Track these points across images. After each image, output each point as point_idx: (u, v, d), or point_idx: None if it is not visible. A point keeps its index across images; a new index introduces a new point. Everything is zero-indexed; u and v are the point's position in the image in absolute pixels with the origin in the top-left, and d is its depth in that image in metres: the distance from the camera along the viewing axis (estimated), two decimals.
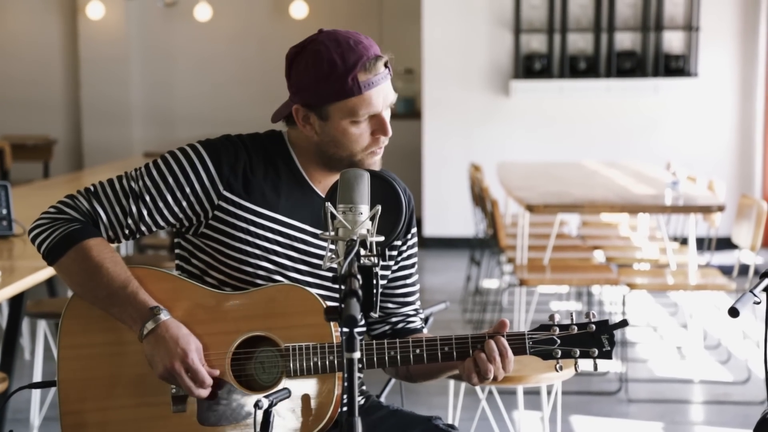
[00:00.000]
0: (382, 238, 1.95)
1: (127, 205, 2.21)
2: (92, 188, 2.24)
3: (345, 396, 1.66)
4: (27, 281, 3.45)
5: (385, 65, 2.19)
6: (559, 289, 7.23)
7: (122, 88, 11.03)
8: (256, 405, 2.02)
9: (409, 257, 2.39)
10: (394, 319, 2.38)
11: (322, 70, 2.15)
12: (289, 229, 2.24)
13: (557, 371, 2.16)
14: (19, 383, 4.68)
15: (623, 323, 2.16)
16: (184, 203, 2.21)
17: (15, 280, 3.40)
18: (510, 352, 2.12)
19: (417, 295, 2.43)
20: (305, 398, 2.14)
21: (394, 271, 2.37)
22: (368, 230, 1.92)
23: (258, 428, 2.04)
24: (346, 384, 1.65)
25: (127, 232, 2.24)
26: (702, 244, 6.56)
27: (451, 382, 3.61)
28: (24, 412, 4.52)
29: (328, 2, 10.83)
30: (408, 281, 2.40)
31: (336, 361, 2.12)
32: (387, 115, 2.21)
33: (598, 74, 9.06)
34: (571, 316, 2.17)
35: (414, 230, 2.38)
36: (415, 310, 2.42)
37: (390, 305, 2.38)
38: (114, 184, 2.23)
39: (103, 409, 2.19)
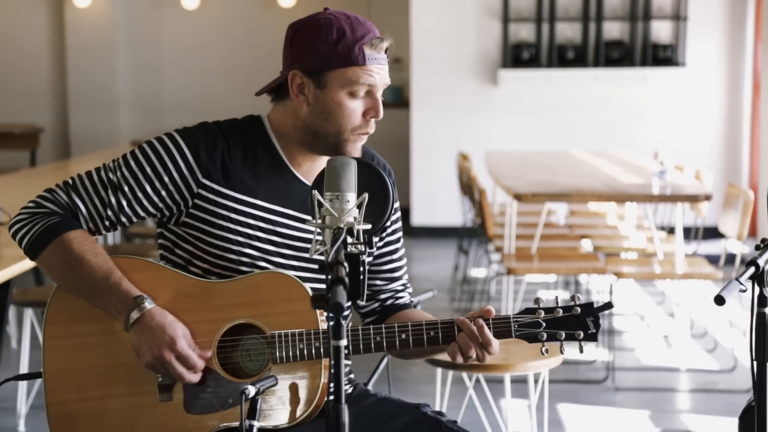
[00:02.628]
0: (369, 226, 1.95)
1: (106, 196, 2.20)
2: (71, 181, 2.23)
3: (332, 384, 1.65)
4: (13, 269, 3.44)
5: (386, 51, 2.21)
6: (547, 278, 7.24)
7: (109, 76, 10.98)
8: (243, 393, 2.02)
9: (393, 232, 2.39)
10: (382, 296, 2.38)
11: (331, 36, 2.17)
12: (270, 215, 2.23)
13: (543, 354, 2.15)
14: (6, 372, 4.67)
15: (608, 305, 2.15)
16: (163, 192, 2.20)
17: (1, 268, 3.39)
18: (486, 329, 2.12)
19: (405, 270, 2.43)
20: (292, 386, 2.14)
21: (379, 248, 2.37)
22: (355, 218, 1.92)
23: (245, 416, 2.04)
24: (332, 371, 1.65)
25: (107, 223, 2.23)
26: (689, 233, 6.57)
27: (439, 371, 3.61)
28: (11, 401, 4.51)
29: None
30: (394, 256, 2.40)
31: (322, 348, 2.12)
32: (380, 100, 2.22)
33: (586, 64, 9.06)
34: (556, 299, 2.17)
35: (397, 205, 2.34)
36: (404, 285, 2.42)
37: (378, 282, 2.38)
38: (92, 176, 2.22)
39: (89, 399, 2.19)
